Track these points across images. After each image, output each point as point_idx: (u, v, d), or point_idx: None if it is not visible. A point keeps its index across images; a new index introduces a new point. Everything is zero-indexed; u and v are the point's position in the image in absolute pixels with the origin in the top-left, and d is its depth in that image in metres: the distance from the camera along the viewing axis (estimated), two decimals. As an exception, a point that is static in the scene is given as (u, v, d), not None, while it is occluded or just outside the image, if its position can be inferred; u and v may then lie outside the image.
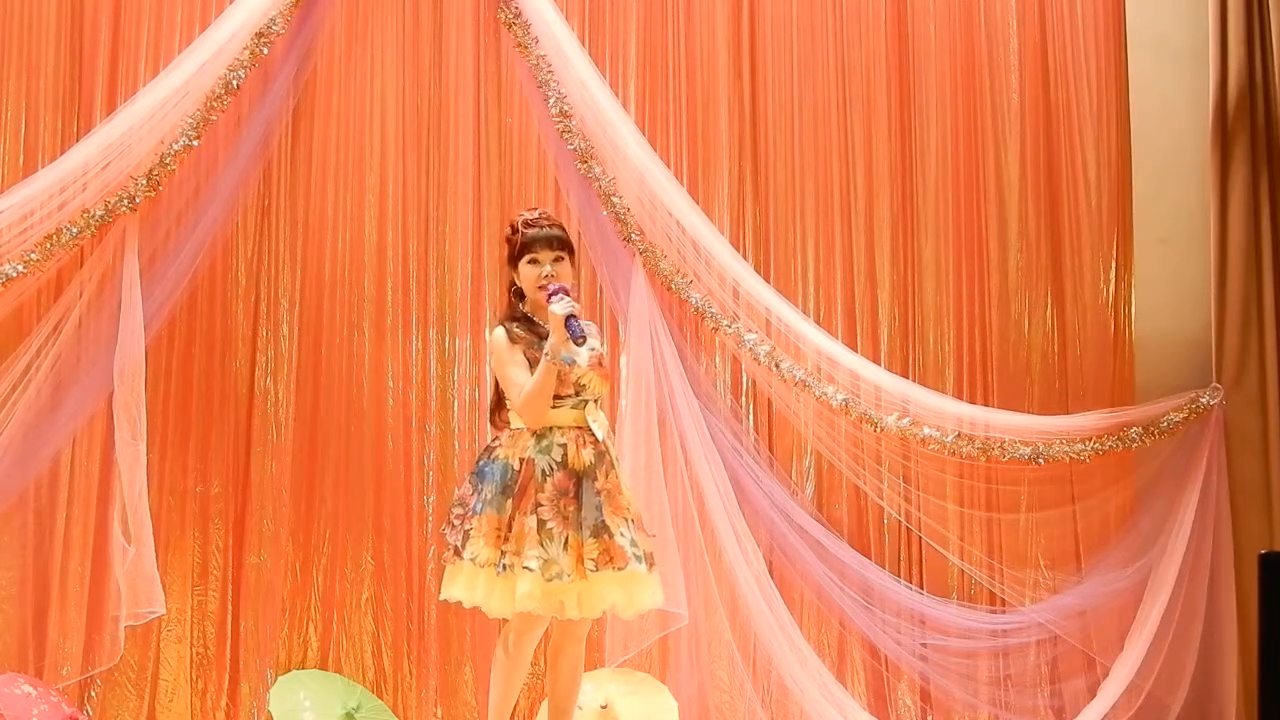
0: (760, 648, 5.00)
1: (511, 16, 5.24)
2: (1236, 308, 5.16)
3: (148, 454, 4.93)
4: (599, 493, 3.97)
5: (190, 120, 5.00)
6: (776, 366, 5.13)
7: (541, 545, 3.89)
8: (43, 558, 4.98)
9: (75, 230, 4.92)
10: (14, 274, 4.86)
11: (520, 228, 4.12)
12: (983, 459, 5.13)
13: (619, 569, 3.92)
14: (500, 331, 4.09)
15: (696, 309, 5.19)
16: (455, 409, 5.26)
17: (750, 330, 5.16)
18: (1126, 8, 5.43)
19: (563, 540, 3.91)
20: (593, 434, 4.03)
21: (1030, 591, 5.18)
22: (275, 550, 5.12)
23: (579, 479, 3.97)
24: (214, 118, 5.06)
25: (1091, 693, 5.06)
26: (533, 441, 4.00)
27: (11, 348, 4.92)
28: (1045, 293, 5.38)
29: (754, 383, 5.31)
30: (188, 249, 5.04)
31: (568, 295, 3.94)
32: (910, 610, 5.14)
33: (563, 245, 4.12)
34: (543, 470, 3.96)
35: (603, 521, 3.94)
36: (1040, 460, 5.12)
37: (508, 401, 4.09)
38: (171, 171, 5.03)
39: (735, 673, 5.05)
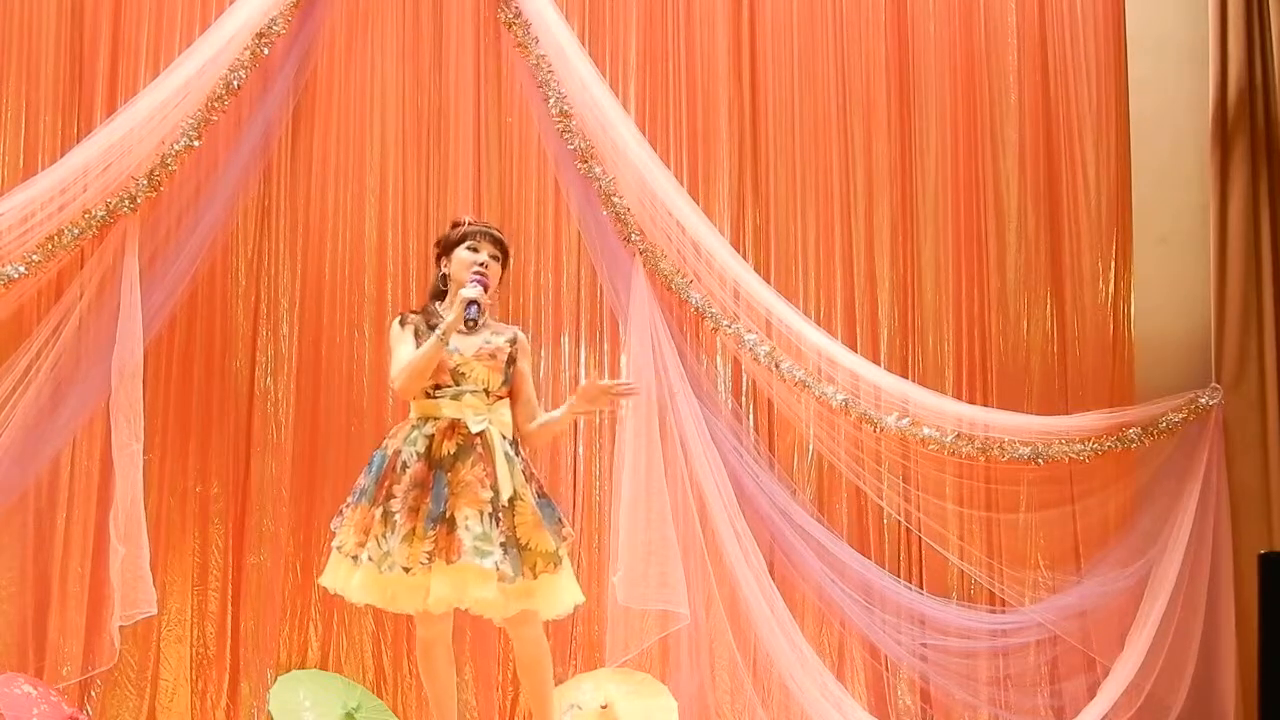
0: (760, 648, 5.00)
1: (511, 16, 5.24)
2: (1236, 308, 5.16)
3: (148, 454, 4.95)
4: (449, 484, 3.87)
5: (191, 121, 5.01)
6: (776, 367, 5.13)
7: (381, 537, 3.86)
8: (43, 558, 4.98)
9: (76, 231, 4.92)
10: (15, 275, 4.86)
11: (465, 223, 4.19)
12: (982, 459, 5.13)
13: (449, 562, 3.80)
14: (395, 321, 4.13)
15: (697, 309, 5.19)
16: (455, 409, 5.26)
17: (750, 330, 5.16)
18: (1126, 8, 5.43)
19: (406, 531, 3.85)
20: (465, 427, 3.95)
21: (1030, 591, 5.18)
22: (275, 550, 5.12)
23: (437, 470, 3.91)
24: (214, 118, 5.06)
25: (1091, 693, 5.05)
26: (405, 432, 4.00)
27: (12, 349, 4.92)
28: (1045, 293, 5.39)
29: (754, 383, 5.31)
30: (188, 249, 5.05)
31: (487, 291, 3.99)
32: (910, 610, 5.14)
33: (503, 250, 4.17)
34: (404, 461, 3.94)
35: (444, 513, 3.85)
36: (1040, 460, 5.12)
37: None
38: (172, 172, 5.04)
39: (735, 673, 5.05)
